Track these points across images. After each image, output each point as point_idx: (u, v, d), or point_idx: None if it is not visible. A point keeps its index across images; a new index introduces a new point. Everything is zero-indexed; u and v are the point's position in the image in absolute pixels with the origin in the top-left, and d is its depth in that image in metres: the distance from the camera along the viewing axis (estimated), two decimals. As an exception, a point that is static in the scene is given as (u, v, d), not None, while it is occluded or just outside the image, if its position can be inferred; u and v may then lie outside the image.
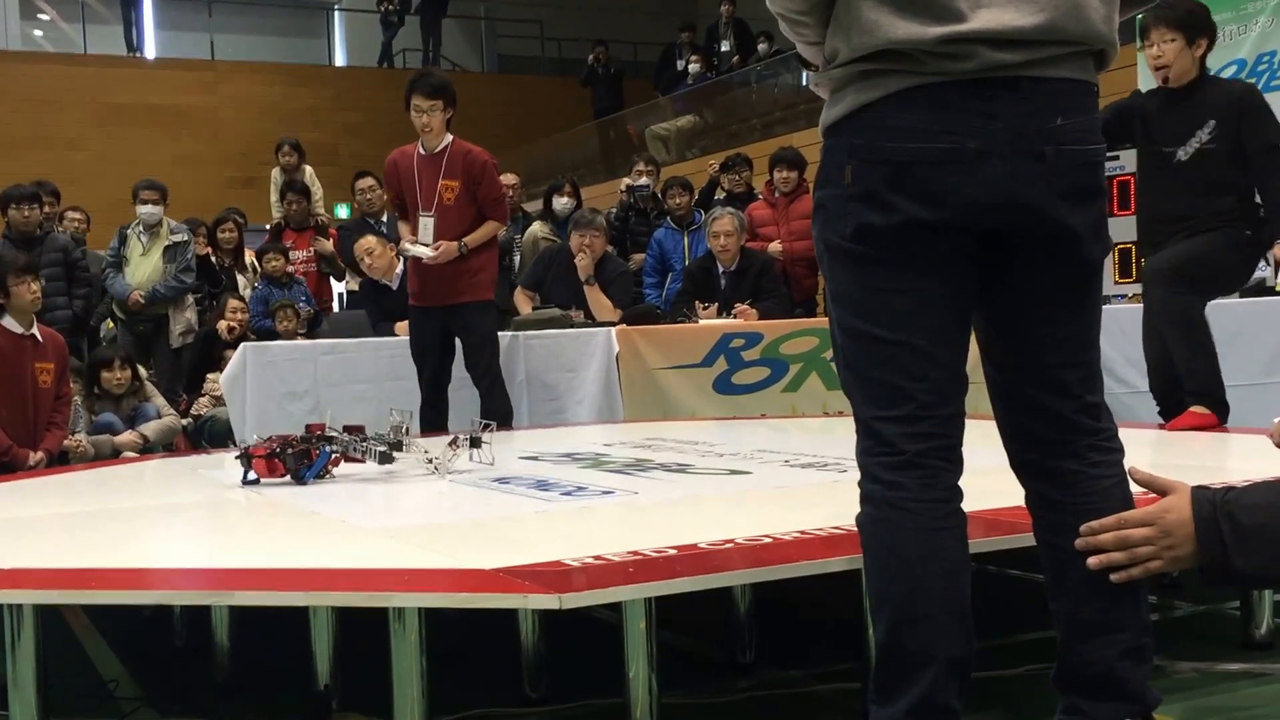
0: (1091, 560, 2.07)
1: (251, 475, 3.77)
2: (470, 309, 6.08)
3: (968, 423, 2.17)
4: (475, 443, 4.01)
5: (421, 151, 6.12)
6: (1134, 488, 2.14)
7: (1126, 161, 6.82)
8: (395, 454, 3.87)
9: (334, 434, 3.92)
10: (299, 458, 3.77)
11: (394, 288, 7.44)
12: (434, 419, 6.02)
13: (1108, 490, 2.13)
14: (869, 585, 2.14)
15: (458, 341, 6.19)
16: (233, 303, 8.28)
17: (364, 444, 3.89)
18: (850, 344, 2.15)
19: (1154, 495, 2.08)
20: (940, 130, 2.01)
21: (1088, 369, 2.18)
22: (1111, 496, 2.13)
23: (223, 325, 8.07)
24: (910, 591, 2.04)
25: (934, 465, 2.07)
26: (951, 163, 2.01)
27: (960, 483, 2.12)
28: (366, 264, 7.53)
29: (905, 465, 2.06)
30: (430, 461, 3.88)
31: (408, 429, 3.94)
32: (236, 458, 3.85)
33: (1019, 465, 2.23)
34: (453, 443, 4.01)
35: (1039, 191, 2.03)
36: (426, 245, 6.02)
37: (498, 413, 5.75)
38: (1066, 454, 2.15)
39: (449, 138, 6.11)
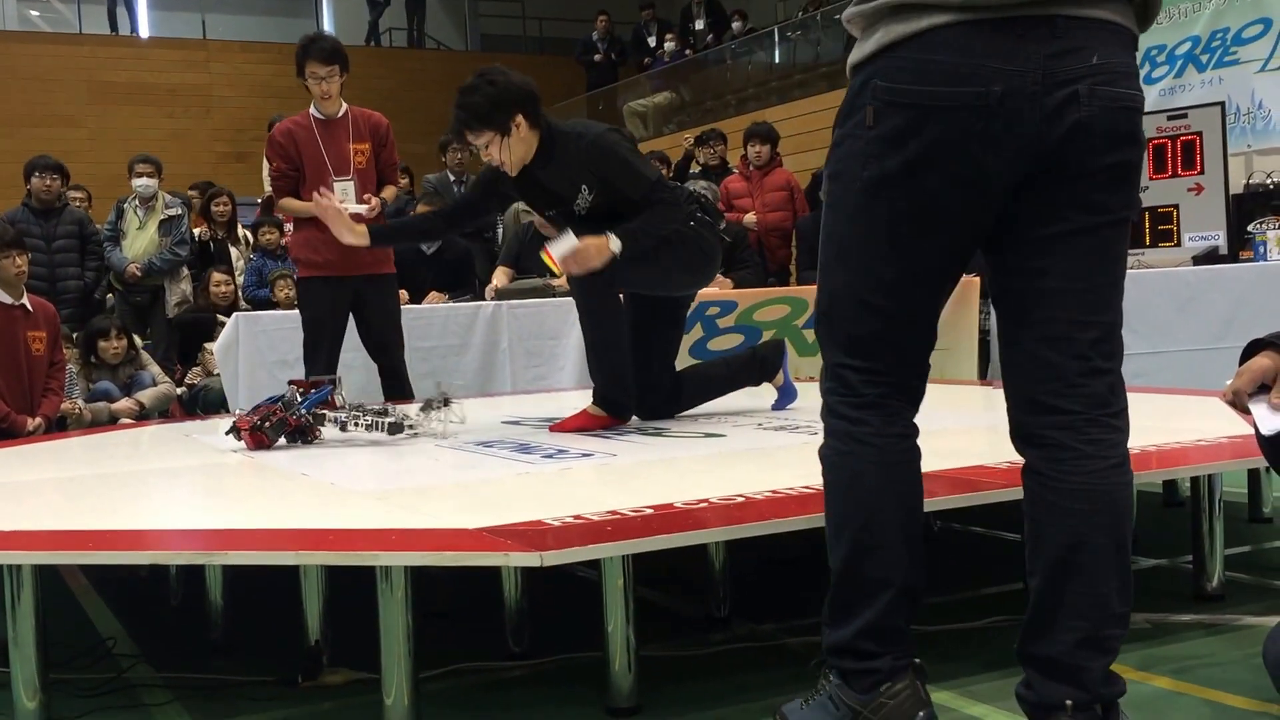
0: None
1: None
2: (383, 281, 5.87)
3: (935, 388, 2.21)
4: (446, 402, 4.08)
5: (320, 117, 5.80)
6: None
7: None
8: (403, 424, 3.91)
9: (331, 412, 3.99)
10: (278, 428, 3.88)
11: (428, 252, 7.65)
12: None
13: (1102, 472, 1.99)
14: (829, 514, 2.13)
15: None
16: (216, 276, 8.35)
17: (366, 418, 3.92)
18: (833, 294, 2.11)
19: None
20: (966, 74, 1.90)
21: (1103, 330, 2.01)
22: (1106, 479, 1.99)
23: (217, 291, 8.19)
24: (870, 520, 2.07)
25: (894, 405, 2.09)
26: (976, 108, 1.90)
27: (926, 442, 2.14)
28: None
29: (868, 405, 2.08)
30: (414, 420, 3.96)
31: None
32: (226, 433, 3.94)
33: (1017, 433, 2.09)
34: (425, 407, 4.06)
35: (1068, 133, 1.92)
36: (358, 204, 5.63)
37: (403, 393, 5.63)
38: (1064, 425, 2.00)
39: (344, 104, 5.84)
